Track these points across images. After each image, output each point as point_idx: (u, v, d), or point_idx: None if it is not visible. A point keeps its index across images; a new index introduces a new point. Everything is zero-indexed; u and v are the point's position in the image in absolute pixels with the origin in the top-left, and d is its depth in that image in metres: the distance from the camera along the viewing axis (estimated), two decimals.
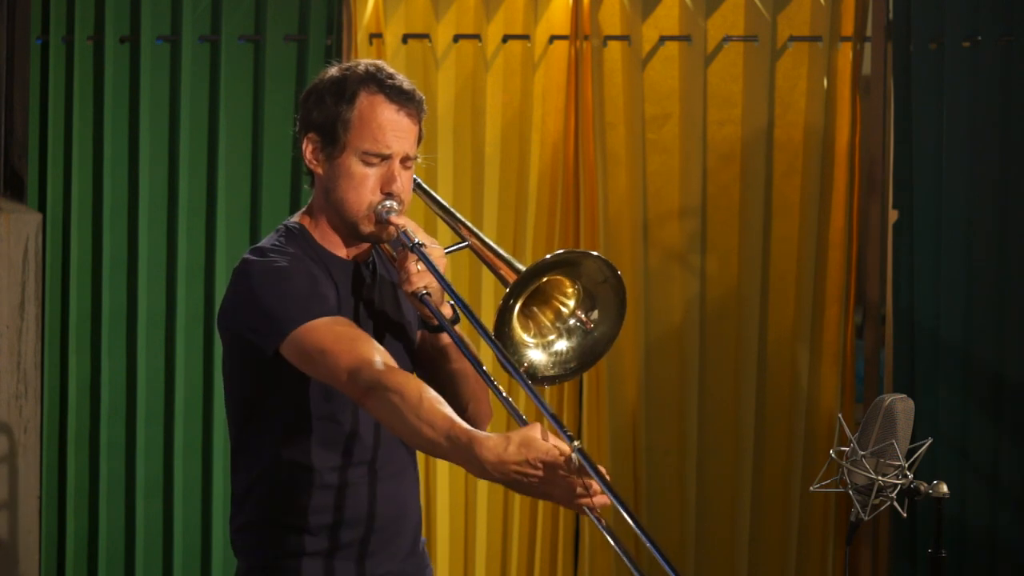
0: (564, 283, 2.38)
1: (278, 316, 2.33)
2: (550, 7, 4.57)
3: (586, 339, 2.39)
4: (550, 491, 2.07)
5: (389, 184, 2.41)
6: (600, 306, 2.38)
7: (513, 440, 2.05)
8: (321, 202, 2.46)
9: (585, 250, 2.41)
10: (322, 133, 2.43)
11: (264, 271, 2.37)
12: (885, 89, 4.50)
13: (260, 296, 2.36)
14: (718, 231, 4.58)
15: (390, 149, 2.40)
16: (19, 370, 4.39)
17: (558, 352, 2.39)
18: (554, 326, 2.39)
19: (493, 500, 4.58)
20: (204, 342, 4.54)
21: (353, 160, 2.41)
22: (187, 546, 4.55)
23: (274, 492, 2.43)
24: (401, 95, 2.42)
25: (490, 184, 4.55)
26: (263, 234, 4.49)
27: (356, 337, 2.30)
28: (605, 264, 2.35)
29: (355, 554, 2.45)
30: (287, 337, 2.31)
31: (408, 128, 2.42)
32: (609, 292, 2.37)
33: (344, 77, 2.43)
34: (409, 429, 2.17)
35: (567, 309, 2.39)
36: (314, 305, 2.33)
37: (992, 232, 4.40)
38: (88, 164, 4.52)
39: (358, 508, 2.44)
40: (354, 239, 2.46)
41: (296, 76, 4.52)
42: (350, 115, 2.40)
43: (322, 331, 2.30)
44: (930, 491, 2.66)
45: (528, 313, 2.38)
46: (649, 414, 4.56)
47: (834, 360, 4.56)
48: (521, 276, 2.30)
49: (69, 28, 4.51)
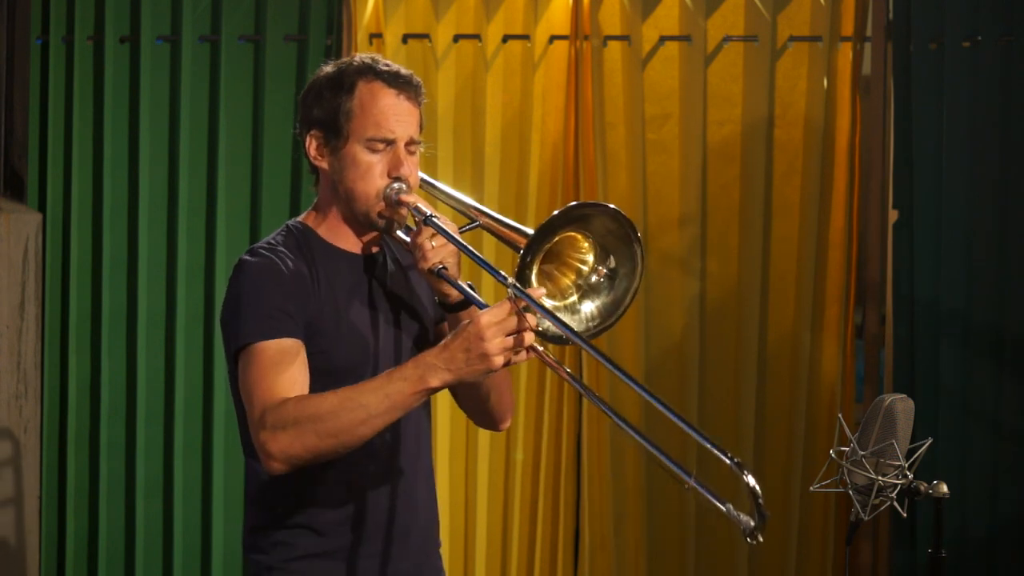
0: (578, 239, 2.33)
1: (239, 327, 2.37)
2: (550, 7, 4.57)
3: (609, 294, 2.35)
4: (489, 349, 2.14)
5: (396, 168, 2.41)
6: (618, 257, 2.33)
7: (448, 339, 2.17)
8: (329, 197, 2.46)
9: (595, 202, 2.39)
10: (324, 127, 2.43)
11: (243, 278, 2.40)
12: (885, 89, 4.50)
13: (234, 303, 2.40)
14: (718, 231, 4.58)
15: (394, 134, 2.41)
16: (19, 370, 4.39)
17: (583, 312, 2.34)
18: (575, 285, 2.35)
19: (493, 500, 4.58)
20: (204, 342, 4.54)
21: (358, 149, 2.41)
22: (187, 546, 4.55)
23: (285, 493, 2.43)
24: (399, 80, 2.43)
25: (490, 184, 4.55)
26: (263, 234, 4.49)
27: (285, 370, 2.33)
28: (617, 215, 2.28)
29: (367, 552, 2.44)
30: (241, 349, 2.36)
31: (409, 111, 2.43)
32: (625, 243, 2.31)
33: (340, 70, 2.45)
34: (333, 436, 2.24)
35: (586, 266, 2.36)
36: (273, 324, 2.35)
37: (992, 232, 4.40)
38: (88, 164, 4.52)
39: (369, 507, 2.44)
40: (366, 229, 2.46)
41: (296, 76, 4.52)
42: (351, 104, 2.41)
43: (262, 355, 2.33)
44: (930, 491, 2.66)
45: (548, 276, 2.34)
46: (649, 414, 4.56)
47: (834, 360, 4.56)
48: (533, 235, 2.25)
49: (69, 28, 4.51)
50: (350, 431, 2.23)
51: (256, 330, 2.34)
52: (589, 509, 4.59)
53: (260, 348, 2.33)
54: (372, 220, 2.43)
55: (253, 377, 2.32)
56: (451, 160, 4.53)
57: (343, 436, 2.23)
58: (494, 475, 4.57)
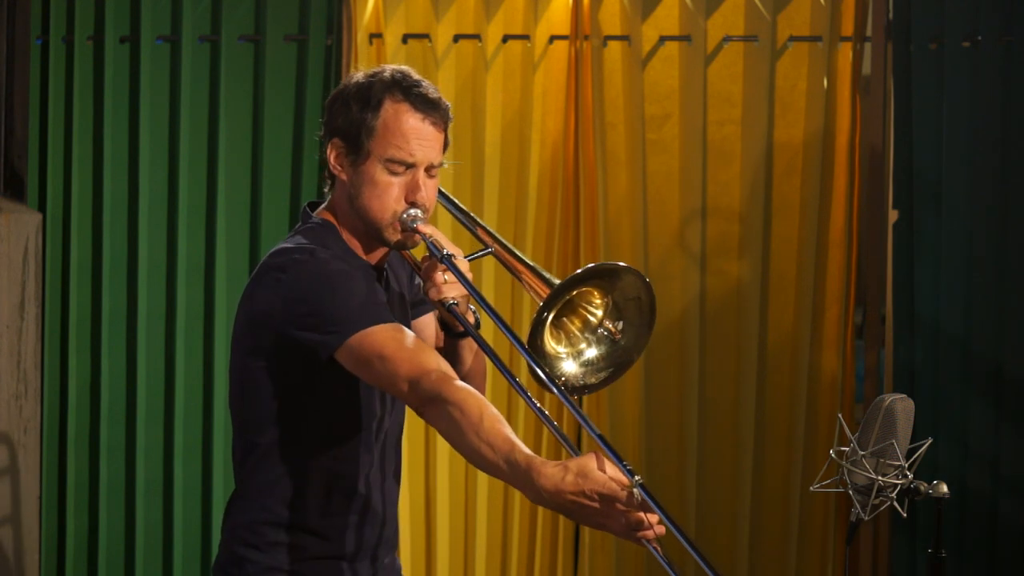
0: (593, 293, 2.36)
1: (339, 319, 2.30)
2: (550, 7, 4.57)
3: (615, 346, 2.37)
4: (606, 522, 2.05)
5: (413, 193, 2.39)
6: (627, 317, 2.36)
7: (571, 470, 2.02)
8: (345, 207, 2.45)
9: (619, 263, 2.40)
10: (346, 139, 2.41)
11: (321, 272, 2.35)
12: (885, 89, 4.50)
13: (318, 298, 2.33)
14: (718, 231, 4.58)
15: (414, 158, 2.39)
16: (19, 370, 4.39)
17: (589, 360, 2.37)
18: (583, 335, 2.37)
19: (493, 500, 4.58)
20: (204, 342, 4.54)
21: (377, 168, 2.39)
22: (187, 546, 4.55)
23: (297, 495, 2.43)
24: (426, 104, 2.41)
25: (490, 184, 4.55)
26: (263, 234, 4.49)
27: (416, 345, 2.28)
28: (639, 278, 2.34)
29: (368, 555, 2.47)
30: (347, 341, 2.29)
31: (433, 136, 2.41)
32: (639, 307, 2.36)
33: (370, 84, 2.42)
34: (469, 447, 2.15)
35: (595, 318, 2.37)
36: (374, 310, 2.31)
37: (992, 232, 4.40)
38: (88, 164, 4.52)
39: (374, 511, 2.47)
40: (376, 245, 2.46)
41: (296, 76, 4.52)
42: (375, 123, 2.39)
43: (382, 337, 2.27)
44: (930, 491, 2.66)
45: (557, 323, 2.36)
46: (649, 414, 4.56)
47: (834, 360, 4.56)
48: (555, 288, 2.26)
49: (69, 28, 4.51)
50: (474, 461, 2.20)
51: (361, 319, 2.29)
52: None
53: (372, 332, 2.28)
54: (384, 239, 2.42)
55: (385, 355, 2.25)
56: (451, 160, 4.53)
57: (472, 457, 2.19)
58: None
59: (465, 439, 2.14)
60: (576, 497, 2.02)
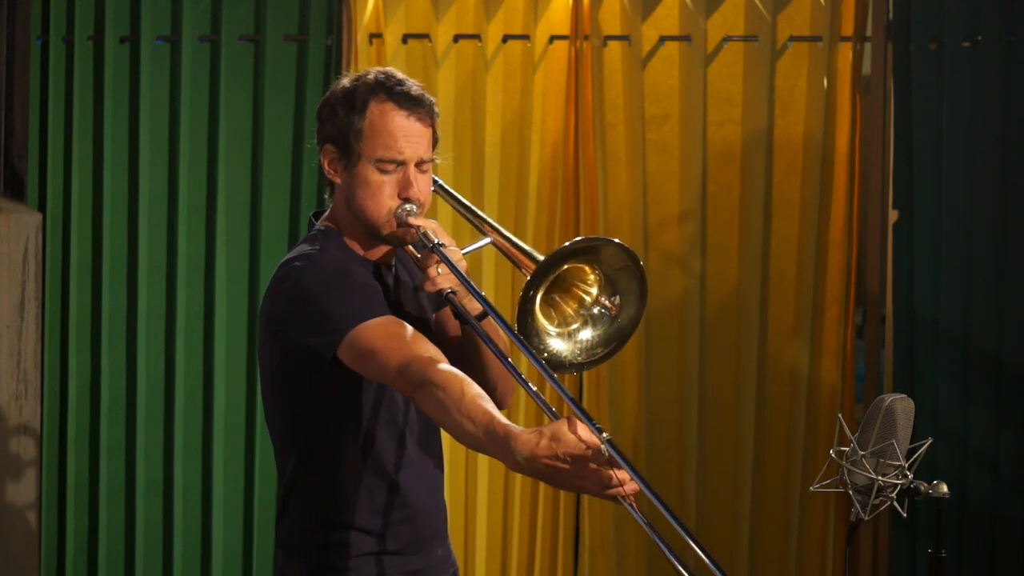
0: (584, 271, 2.41)
1: (335, 318, 2.37)
2: (550, 7, 4.57)
3: (612, 325, 2.42)
4: (581, 483, 2.10)
5: (406, 190, 2.47)
6: (622, 291, 2.41)
7: (544, 435, 2.09)
8: (343, 211, 2.52)
9: (603, 236, 2.44)
10: (337, 144, 2.49)
11: (318, 276, 2.43)
12: (885, 89, 4.50)
13: (318, 300, 2.40)
14: (718, 231, 4.58)
15: (403, 155, 2.46)
16: (19, 370, 4.39)
17: (583, 340, 2.42)
18: (578, 314, 2.43)
19: (493, 500, 4.58)
20: (204, 342, 4.54)
21: (369, 168, 2.46)
22: (187, 546, 4.55)
23: (342, 497, 2.49)
24: (410, 101, 2.47)
25: (490, 184, 4.55)
26: (263, 234, 4.49)
27: (408, 335, 2.34)
28: (623, 250, 2.38)
29: (420, 548, 2.54)
30: (344, 339, 2.35)
31: (420, 132, 2.48)
32: (630, 277, 2.40)
33: (354, 88, 2.49)
34: (452, 423, 2.21)
35: (590, 297, 2.42)
36: (369, 307, 2.38)
37: (992, 232, 4.40)
38: (88, 164, 4.52)
39: (412, 505, 2.52)
40: (376, 244, 2.52)
41: (296, 76, 4.52)
42: (361, 125, 2.46)
43: (375, 330, 2.34)
44: (930, 491, 2.66)
45: (552, 303, 2.42)
46: (649, 414, 4.56)
47: (834, 360, 4.56)
48: (539, 265, 2.33)
49: (69, 28, 4.51)
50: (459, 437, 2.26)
51: (355, 315, 2.36)
52: (589, 509, 4.59)
53: (366, 326, 2.35)
54: (383, 237, 2.49)
55: (376, 348, 2.32)
56: (451, 160, 4.53)
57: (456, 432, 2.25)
58: (494, 475, 4.57)
59: (449, 416, 2.21)
60: (551, 461, 2.08)
